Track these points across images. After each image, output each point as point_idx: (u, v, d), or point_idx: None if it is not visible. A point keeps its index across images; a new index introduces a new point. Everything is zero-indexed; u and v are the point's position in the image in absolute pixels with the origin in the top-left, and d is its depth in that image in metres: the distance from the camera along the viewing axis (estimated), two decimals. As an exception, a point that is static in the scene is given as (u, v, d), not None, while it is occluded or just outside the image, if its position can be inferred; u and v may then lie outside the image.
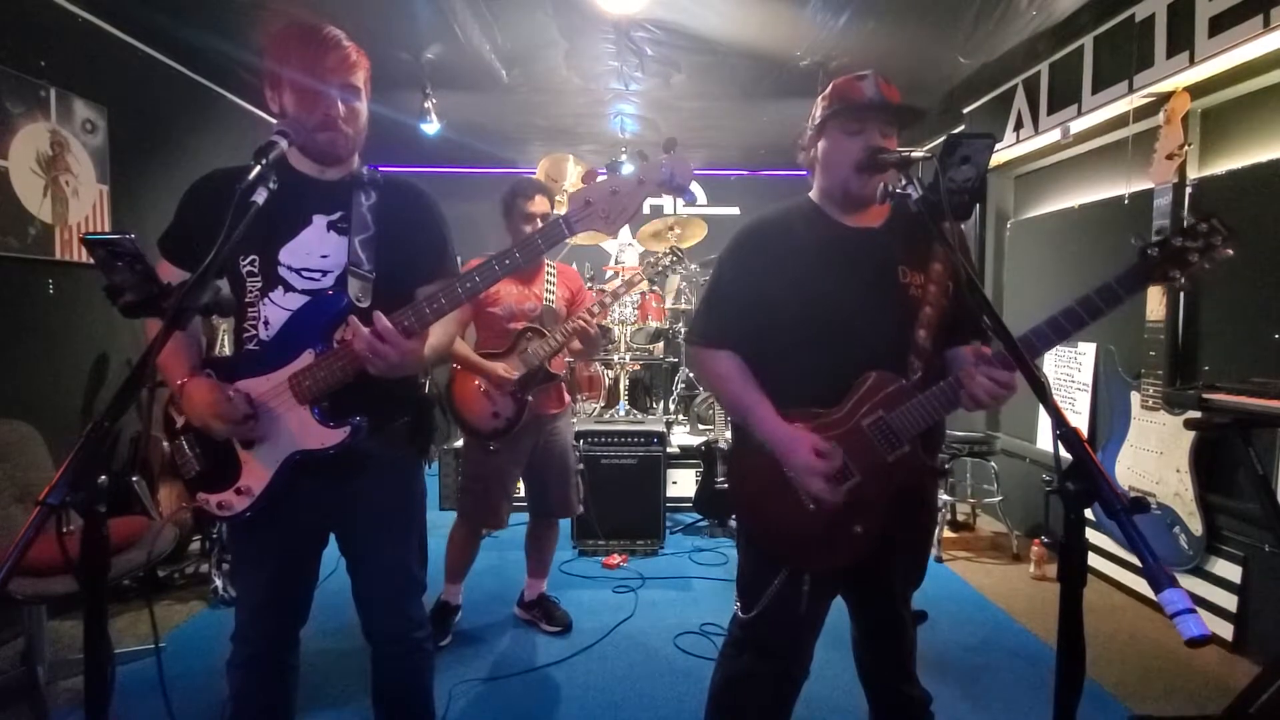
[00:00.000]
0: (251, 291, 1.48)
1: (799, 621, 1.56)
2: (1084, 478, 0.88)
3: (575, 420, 3.00)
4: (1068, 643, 0.92)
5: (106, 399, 3.29)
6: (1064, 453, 0.92)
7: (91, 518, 0.91)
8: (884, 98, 1.49)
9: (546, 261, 2.79)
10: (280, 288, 1.48)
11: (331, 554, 1.64)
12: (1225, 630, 2.72)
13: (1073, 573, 0.90)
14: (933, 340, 1.47)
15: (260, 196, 1.23)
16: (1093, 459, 0.87)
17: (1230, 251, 1.27)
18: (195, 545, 3.38)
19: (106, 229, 3.25)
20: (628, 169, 1.31)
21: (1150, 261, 1.29)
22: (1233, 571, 2.73)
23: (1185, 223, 1.28)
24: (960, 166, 1.29)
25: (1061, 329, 1.32)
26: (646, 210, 6.43)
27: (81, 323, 3.12)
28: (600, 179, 1.30)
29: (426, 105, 4.21)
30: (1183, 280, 1.29)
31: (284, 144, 1.31)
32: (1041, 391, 0.96)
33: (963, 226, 1.58)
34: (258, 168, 1.23)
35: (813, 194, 1.62)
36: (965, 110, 4.48)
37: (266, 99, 1.48)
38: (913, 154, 1.34)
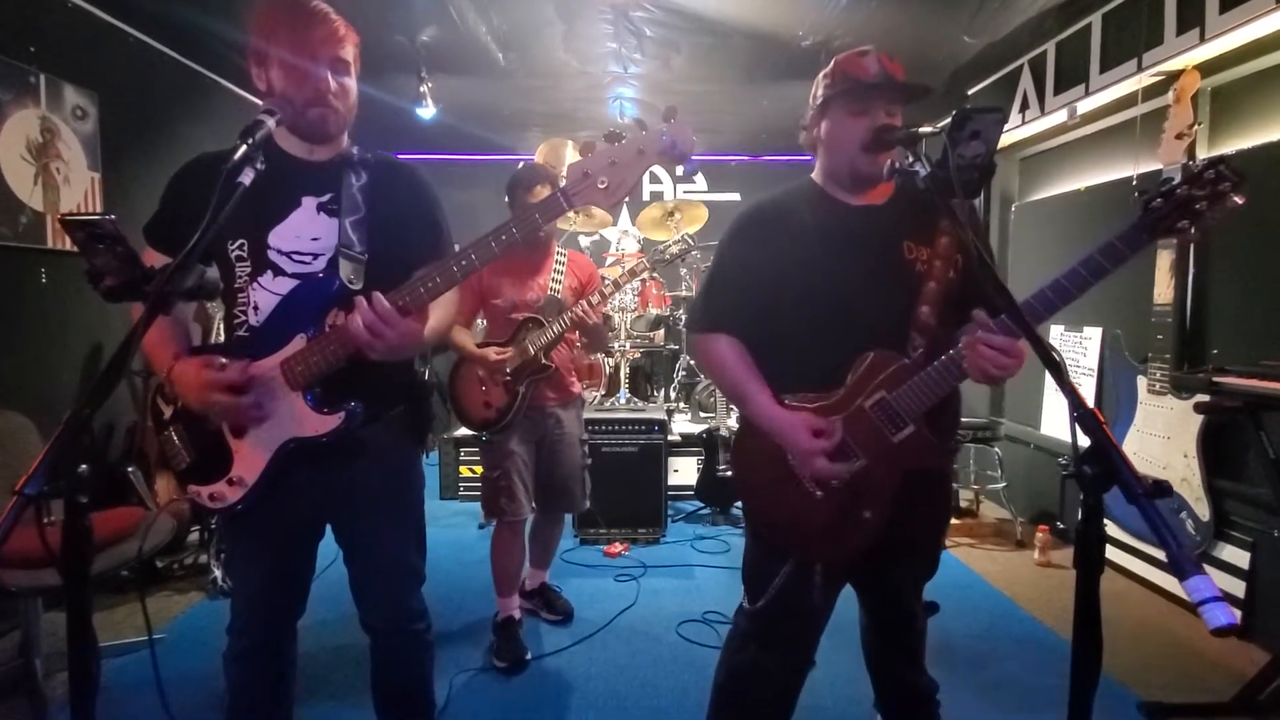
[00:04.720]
0: (240, 276, 1.45)
1: (809, 613, 1.53)
2: (1102, 461, 0.84)
3: (583, 413, 2.88)
4: (1084, 632, 0.88)
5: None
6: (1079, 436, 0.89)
7: (72, 508, 0.88)
8: (888, 75, 1.44)
9: (557, 249, 2.71)
10: (270, 272, 1.44)
11: (332, 545, 1.61)
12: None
13: (1090, 560, 0.87)
14: (938, 316, 1.43)
15: (247, 178, 1.19)
16: (1111, 441, 0.84)
17: (1240, 200, 1.22)
18: (194, 536, 3.36)
19: (99, 217, 3.21)
20: (627, 140, 1.26)
21: (1155, 214, 1.24)
22: (1241, 557, 2.70)
23: (1191, 169, 1.22)
24: (970, 142, 1.25)
25: (1064, 291, 1.27)
26: (646, 196, 6.38)
27: (75, 312, 3.08)
28: (598, 150, 1.26)
29: (422, 89, 4.15)
30: (1193, 230, 1.23)
31: (271, 123, 1.28)
32: (1057, 370, 0.92)
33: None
34: (244, 147, 1.20)
35: (815, 175, 1.58)
36: (969, 91, 4.42)
37: (253, 77, 1.45)
38: (921, 130, 1.30)
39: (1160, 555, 3.03)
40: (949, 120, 1.20)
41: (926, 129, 1.27)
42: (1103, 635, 0.87)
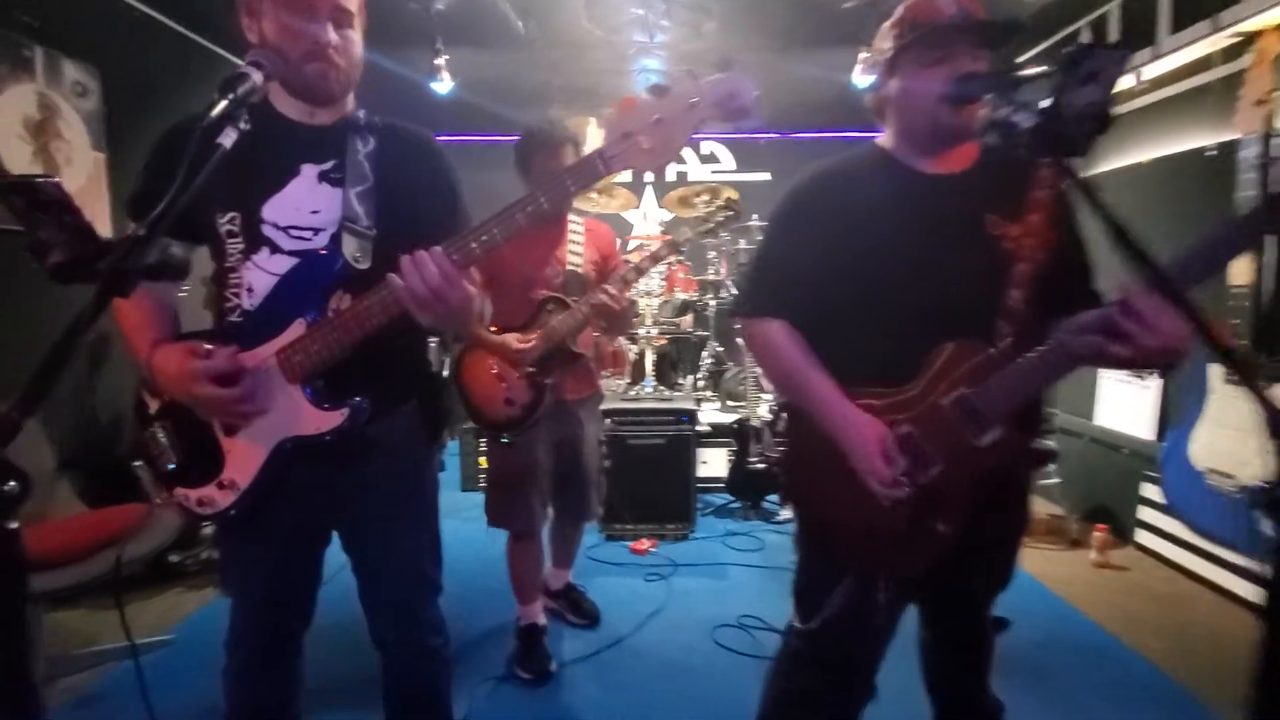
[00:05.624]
0: (233, 255, 1.30)
1: (871, 635, 1.36)
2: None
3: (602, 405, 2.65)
4: (1267, 703, 0.69)
5: (106, 382, 3.14)
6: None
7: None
8: (967, 15, 1.24)
9: (571, 219, 2.35)
10: (265, 249, 1.28)
11: (340, 550, 1.46)
12: (1318, 626, 2.46)
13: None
14: (1028, 302, 1.24)
15: (228, 138, 1.02)
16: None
17: None
18: (209, 530, 3.24)
19: (106, 200, 3.08)
20: (675, 92, 1.07)
21: None
22: (1330, 562, 2.46)
23: None
24: (1083, 87, 1.02)
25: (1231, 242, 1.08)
26: (672, 177, 6.15)
27: (76, 300, 2.93)
28: (640, 105, 1.07)
29: (437, 62, 3.96)
30: None
31: (257, 76, 1.10)
32: (1232, 360, 0.72)
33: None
34: (223, 103, 1.02)
35: (883, 140, 1.39)
36: (1020, 59, 4.13)
37: (244, 28, 1.28)
38: (1021, 73, 1.09)
39: (1229, 557, 2.81)
40: (1058, 61, 0.99)
41: (1031, 70, 1.06)
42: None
